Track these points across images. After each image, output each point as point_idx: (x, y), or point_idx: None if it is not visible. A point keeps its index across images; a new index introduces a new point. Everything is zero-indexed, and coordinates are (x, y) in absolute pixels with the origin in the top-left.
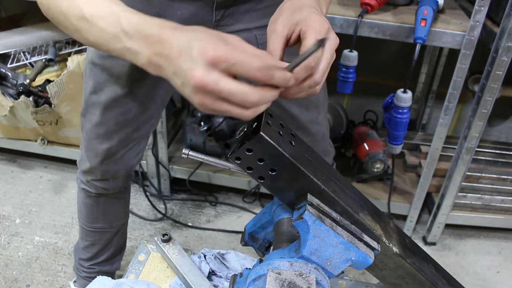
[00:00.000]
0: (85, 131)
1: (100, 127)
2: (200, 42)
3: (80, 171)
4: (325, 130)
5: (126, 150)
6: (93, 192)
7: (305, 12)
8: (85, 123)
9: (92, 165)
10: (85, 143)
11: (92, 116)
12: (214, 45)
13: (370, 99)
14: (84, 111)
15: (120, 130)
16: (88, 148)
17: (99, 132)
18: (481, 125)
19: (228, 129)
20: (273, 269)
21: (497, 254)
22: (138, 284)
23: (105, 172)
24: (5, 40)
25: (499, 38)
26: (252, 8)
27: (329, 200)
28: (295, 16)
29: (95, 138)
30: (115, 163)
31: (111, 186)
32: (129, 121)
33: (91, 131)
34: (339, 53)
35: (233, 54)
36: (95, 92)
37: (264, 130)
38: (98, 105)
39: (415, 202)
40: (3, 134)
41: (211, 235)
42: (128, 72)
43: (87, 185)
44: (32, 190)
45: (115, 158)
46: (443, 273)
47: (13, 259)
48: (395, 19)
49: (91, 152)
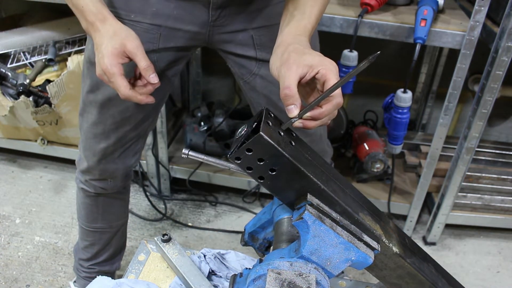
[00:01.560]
0: (83, 131)
1: (98, 126)
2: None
3: (78, 170)
4: (322, 131)
5: (124, 149)
6: (92, 192)
7: (315, 55)
8: (83, 122)
9: (90, 164)
10: (83, 143)
11: (89, 115)
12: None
13: (370, 99)
14: (82, 110)
15: (117, 129)
16: (86, 148)
17: (97, 131)
18: (481, 125)
19: (228, 129)
20: (273, 269)
21: (497, 254)
22: (138, 284)
23: (103, 171)
24: (5, 40)
25: (499, 38)
26: (248, 9)
27: (329, 200)
28: (306, 59)
29: (93, 138)
30: (112, 162)
31: (110, 185)
32: (126, 120)
33: (89, 130)
34: (339, 53)
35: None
36: (92, 91)
37: (263, 130)
38: (95, 104)
39: (415, 202)
40: (3, 134)
41: (211, 235)
42: (125, 71)
43: (86, 185)
44: (32, 190)
45: (112, 157)
46: (443, 273)
47: (13, 259)
48: (395, 19)
49: (88, 152)
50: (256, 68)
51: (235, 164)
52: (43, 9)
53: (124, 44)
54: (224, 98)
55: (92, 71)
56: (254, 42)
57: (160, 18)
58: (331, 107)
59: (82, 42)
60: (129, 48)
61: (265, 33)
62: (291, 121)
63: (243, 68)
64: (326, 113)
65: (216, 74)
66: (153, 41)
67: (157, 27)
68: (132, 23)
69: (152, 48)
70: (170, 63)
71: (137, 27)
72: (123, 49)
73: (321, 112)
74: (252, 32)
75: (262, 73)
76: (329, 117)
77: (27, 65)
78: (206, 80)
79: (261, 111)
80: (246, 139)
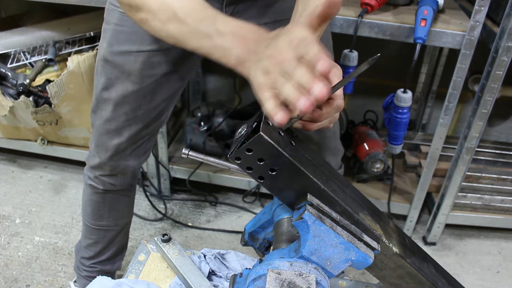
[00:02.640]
0: (96, 127)
1: (111, 123)
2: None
3: (88, 167)
4: (336, 128)
5: (135, 147)
6: (100, 188)
7: None
8: (96, 119)
9: (102, 160)
10: (95, 139)
11: (103, 112)
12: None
13: (370, 99)
14: (95, 107)
15: (130, 126)
16: (98, 144)
17: (110, 128)
18: (481, 125)
19: (228, 129)
20: (273, 269)
21: (497, 254)
22: (138, 284)
23: (114, 167)
24: (5, 40)
25: (499, 38)
26: (259, 4)
27: (329, 200)
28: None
29: (105, 134)
30: (124, 159)
31: (119, 182)
32: (139, 117)
33: (102, 127)
34: (339, 53)
35: None
36: (107, 88)
37: (263, 130)
38: (109, 101)
39: (415, 202)
40: (3, 134)
41: (211, 235)
42: (139, 69)
43: (95, 181)
44: (32, 190)
45: (124, 154)
46: (443, 273)
47: (13, 259)
48: (395, 19)
49: (101, 148)
50: None
51: (235, 164)
52: (43, 9)
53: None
54: (224, 98)
55: (107, 68)
56: None
57: None
58: (331, 109)
59: (82, 42)
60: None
61: (276, 28)
62: (291, 121)
63: None
64: (326, 115)
65: (216, 74)
66: None
67: None
68: None
69: (167, 47)
70: (184, 61)
71: None
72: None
73: (320, 114)
74: (263, 27)
75: None
76: (330, 120)
77: (27, 65)
78: (206, 80)
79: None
80: (246, 139)
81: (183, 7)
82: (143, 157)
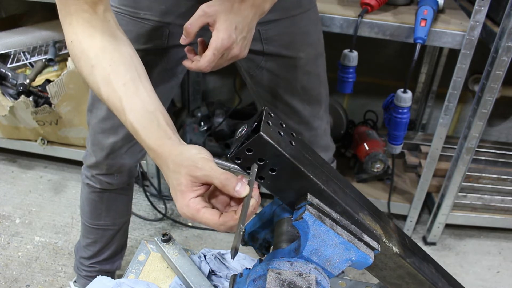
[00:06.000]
0: (91, 126)
1: (106, 122)
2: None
3: (85, 166)
4: (326, 125)
5: (131, 145)
6: (97, 187)
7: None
8: (92, 118)
9: (98, 159)
10: (91, 138)
11: (98, 111)
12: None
13: (370, 99)
14: (91, 106)
15: None
16: (94, 143)
17: (105, 126)
18: (481, 125)
19: (228, 129)
20: (273, 269)
21: (497, 254)
22: (138, 284)
23: (110, 166)
24: (5, 40)
25: (499, 38)
26: None
27: (329, 200)
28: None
29: (101, 133)
30: (120, 157)
31: (116, 181)
32: None
33: (97, 126)
34: (339, 53)
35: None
36: None
37: (264, 130)
38: None
39: (415, 202)
40: (3, 134)
41: (211, 235)
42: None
43: (92, 180)
44: (32, 190)
45: (120, 153)
46: (443, 273)
47: (13, 259)
48: (395, 19)
49: (97, 147)
50: (263, 62)
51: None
52: (43, 9)
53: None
54: (224, 98)
55: None
56: (261, 37)
57: (169, 16)
58: (210, 52)
59: None
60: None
61: (271, 27)
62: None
63: (250, 62)
64: (209, 58)
65: (216, 74)
66: (161, 39)
67: (166, 24)
68: (140, 20)
69: (161, 45)
70: (178, 60)
71: (146, 25)
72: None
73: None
74: (258, 27)
75: (269, 67)
76: (219, 62)
77: (27, 65)
78: (206, 80)
79: (262, 111)
80: (246, 139)
81: (132, 110)
82: (139, 155)
